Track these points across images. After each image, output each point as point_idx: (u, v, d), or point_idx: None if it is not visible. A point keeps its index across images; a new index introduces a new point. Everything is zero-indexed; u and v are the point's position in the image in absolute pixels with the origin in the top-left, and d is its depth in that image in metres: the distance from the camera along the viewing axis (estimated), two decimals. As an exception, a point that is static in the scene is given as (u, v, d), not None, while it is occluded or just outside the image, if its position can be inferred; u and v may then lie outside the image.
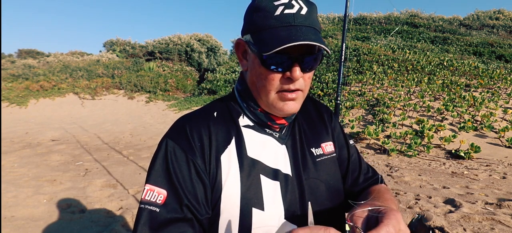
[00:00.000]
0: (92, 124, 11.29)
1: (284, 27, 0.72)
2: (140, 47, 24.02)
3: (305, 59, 0.75)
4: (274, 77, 0.77)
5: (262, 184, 0.81)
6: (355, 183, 1.00)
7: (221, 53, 25.10)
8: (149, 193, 0.75)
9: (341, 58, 5.77)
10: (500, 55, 16.17)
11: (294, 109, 0.81)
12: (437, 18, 24.67)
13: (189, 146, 0.79)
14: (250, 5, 0.78)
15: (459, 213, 2.80)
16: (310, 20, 0.75)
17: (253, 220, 0.78)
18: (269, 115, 0.85)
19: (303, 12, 0.74)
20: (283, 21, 0.72)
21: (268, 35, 0.73)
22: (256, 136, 0.86)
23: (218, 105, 0.91)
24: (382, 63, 12.94)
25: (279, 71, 0.76)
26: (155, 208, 0.74)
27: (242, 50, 0.86)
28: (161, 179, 0.77)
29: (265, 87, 0.79)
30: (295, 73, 0.74)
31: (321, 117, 1.00)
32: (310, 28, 0.74)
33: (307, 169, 0.88)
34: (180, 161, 0.78)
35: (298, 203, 0.83)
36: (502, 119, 7.03)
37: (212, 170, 0.79)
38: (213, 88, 15.93)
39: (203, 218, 0.77)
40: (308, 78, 0.80)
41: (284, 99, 0.79)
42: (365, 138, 6.59)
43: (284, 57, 0.73)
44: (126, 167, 5.07)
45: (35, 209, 3.23)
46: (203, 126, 0.83)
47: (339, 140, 1.00)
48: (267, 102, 0.81)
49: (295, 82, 0.76)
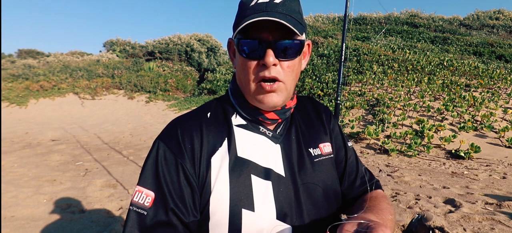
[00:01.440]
0: (92, 124, 11.29)
1: (256, 14, 0.74)
2: (140, 47, 24.03)
3: (278, 43, 0.75)
4: (251, 65, 0.78)
5: (253, 184, 0.80)
6: (351, 186, 0.98)
7: (221, 53, 25.11)
8: (138, 195, 0.77)
9: (341, 58, 5.77)
10: (500, 55, 16.16)
11: (275, 101, 0.80)
12: (437, 18, 24.66)
13: (179, 150, 0.79)
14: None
15: (459, 213, 2.80)
16: (286, 9, 0.76)
17: (243, 221, 0.77)
18: (258, 110, 0.85)
19: (277, 0, 0.75)
20: (256, 9, 0.74)
21: (242, 22, 0.74)
22: (248, 135, 0.86)
23: (213, 105, 0.91)
24: (382, 63, 12.94)
25: (255, 58, 0.76)
26: (143, 211, 0.75)
27: (233, 50, 0.87)
28: (150, 181, 0.78)
29: (245, 77, 0.80)
30: (267, 58, 0.74)
31: (319, 117, 0.99)
32: (284, 14, 0.74)
33: (304, 169, 0.87)
34: (169, 164, 0.78)
35: (293, 203, 0.82)
36: (502, 119, 7.03)
37: (202, 173, 0.79)
38: (213, 88, 15.93)
39: (189, 222, 0.77)
40: (287, 68, 0.79)
41: (264, 90, 0.78)
42: (365, 138, 6.59)
43: (256, 42, 0.75)
44: (126, 167, 5.07)
45: (35, 209, 3.23)
46: (195, 129, 0.83)
47: (337, 141, 0.99)
48: (250, 94, 0.82)
49: (270, 69, 0.76)
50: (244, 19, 0.74)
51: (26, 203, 3.39)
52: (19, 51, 28.05)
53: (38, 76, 18.05)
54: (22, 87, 16.91)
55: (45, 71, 18.83)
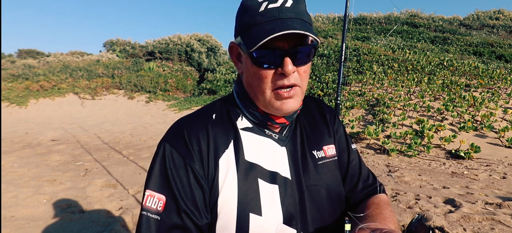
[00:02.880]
0: (92, 124, 11.29)
1: (269, 22, 0.71)
2: (140, 47, 24.03)
3: (295, 51, 0.73)
4: (267, 74, 0.75)
5: (260, 188, 0.79)
6: (353, 189, 0.97)
7: (221, 53, 25.11)
8: (149, 199, 0.75)
9: (341, 58, 5.77)
10: (500, 55, 16.16)
11: (293, 107, 0.78)
12: (437, 18, 24.66)
13: (187, 151, 0.78)
14: (239, 7, 0.78)
15: (459, 213, 2.80)
16: (296, 12, 0.73)
17: (251, 225, 0.76)
18: (268, 115, 0.83)
19: (288, 4, 0.72)
20: (268, 16, 0.71)
21: (254, 32, 0.71)
22: (255, 138, 0.84)
23: (217, 106, 0.89)
24: (382, 63, 12.94)
25: (271, 67, 0.74)
26: (156, 216, 0.74)
27: (236, 53, 0.84)
28: (161, 185, 0.76)
29: (260, 86, 0.77)
30: (287, 67, 0.72)
31: (324, 118, 0.97)
32: (296, 19, 0.72)
33: (307, 172, 0.86)
34: (178, 167, 0.77)
35: (297, 206, 0.81)
36: (502, 119, 7.03)
37: (210, 174, 0.78)
38: (213, 88, 15.93)
39: (202, 224, 0.76)
40: (304, 73, 0.78)
41: (281, 97, 0.76)
42: (365, 138, 6.59)
43: (274, 52, 0.72)
44: (126, 167, 5.07)
45: (35, 209, 3.23)
46: (201, 130, 0.81)
47: (341, 143, 0.98)
48: (264, 102, 0.79)
49: (289, 77, 0.74)
50: (257, 28, 0.71)
51: (26, 203, 3.39)
52: (19, 51, 28.07)
53: (38, 76, 18.05)
54: (22, 87, 16.91)
55: (45, 71, 18.83)
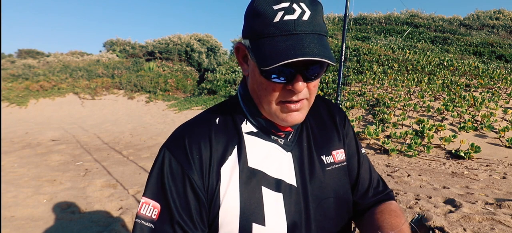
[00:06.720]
0: (92, 124, 11.29)
1: (283, 37, 0.65)
2: (140, 47, 24.04)
3: (309, 69, 0.69)
4: (275, 87, 0.71)
5: (264, 196, 0.77)
6: (363, 196, 0.94)
7: (221, 53, 25.11)
8: (144, 207, 0.75)
9: (341, 58, 5.78)
10: (500, 55, 16.16)
11: (298, 119, 0.75)
12: (437, 18, 24.66)
13: (186, 160, 0.76)
14: (250, 7, 0.71)
15: (459, 213, 2.80)
16: (314, 26, 0.67)
17: None
18: (273, 123, 0.80)
19: (305, 17, 0.66)
20: (282, 29, 0.65)
21: (267, 45, 0.66)
22: (259, 143, 0.81)
23: (222, 109, 0.86)
24: (382, 63, 12.94)
25: (281, 80, 0.70)
26: (150, 224, 0.74)
27: (242, 54, 0.80)
28: (156, 193, 0.76)
29: (266, 97, 0.74)
30: (297, 85, 0.68)
31: (333, 121, 0.93)
32: (313, 35, 0.66)
33: (314, 178, 0.83)
34: (175, 176, 0.75)
35: (302, 215, 0.79)
36: (502, 119, 7.03)
37: (211, 184, 0.76)
38: (213, 88, 15.93)
39: None
40: (313, 87, 0.74)
41: (287, 110, 0.73)
42: (365, 138, 6.59)
43: (285, 69, 0.68)
44: (126, 167, 5.07)
45: (35, 209, 3.23)
46: (203, 137, 0.79)
47: (350, 148, 0.94)
48: (269, 112, 0.77)
49: (299, 94, 0.71)
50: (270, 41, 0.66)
51: (26, 203, 3.39)
52: (19, 51, 28.04)
53: (38, 76, 18.05)
54: (22, 87, 16.91)
55: (45, 71, 18.83)
